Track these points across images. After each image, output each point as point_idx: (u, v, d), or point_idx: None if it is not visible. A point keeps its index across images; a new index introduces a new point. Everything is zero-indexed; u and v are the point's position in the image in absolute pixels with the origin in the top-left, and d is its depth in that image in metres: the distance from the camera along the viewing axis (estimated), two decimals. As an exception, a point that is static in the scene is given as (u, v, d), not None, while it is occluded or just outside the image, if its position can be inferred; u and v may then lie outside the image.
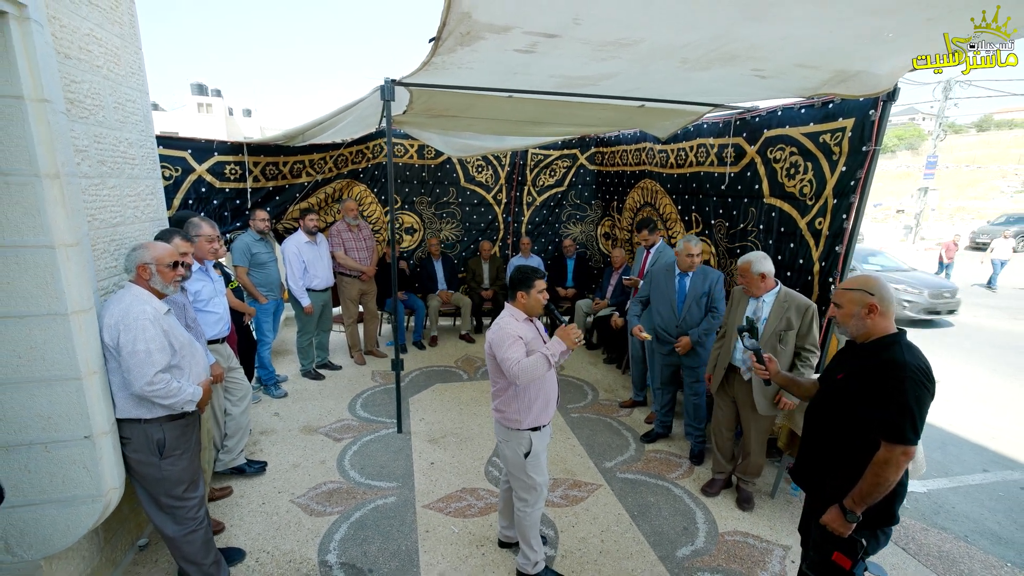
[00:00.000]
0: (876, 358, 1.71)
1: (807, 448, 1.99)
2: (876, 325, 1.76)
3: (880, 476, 1.66)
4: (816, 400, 1.99)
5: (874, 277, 1.81)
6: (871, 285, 1.78)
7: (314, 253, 4.78)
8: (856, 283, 1.82)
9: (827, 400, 1.90)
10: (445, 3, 1.83)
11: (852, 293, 1.80)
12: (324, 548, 2.70)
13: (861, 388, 1.72)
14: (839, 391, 1.82)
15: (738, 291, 3.14)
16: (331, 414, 4.25)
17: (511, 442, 2.36)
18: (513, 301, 2.35)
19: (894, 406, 1.62)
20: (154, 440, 2.09)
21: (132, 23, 2.68)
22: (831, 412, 1.86)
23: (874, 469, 1.67)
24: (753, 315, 3.00)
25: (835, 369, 1.90)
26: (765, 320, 2.93)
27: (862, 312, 1.77)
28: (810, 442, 1.98)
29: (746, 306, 3.03)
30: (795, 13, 1.92)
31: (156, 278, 2.12)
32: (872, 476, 1.67)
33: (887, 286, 1.79)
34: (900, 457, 1.62)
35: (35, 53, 1.65)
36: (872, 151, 2.92)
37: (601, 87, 3.13)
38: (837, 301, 1.85)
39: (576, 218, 6.87)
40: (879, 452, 1.67)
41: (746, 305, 3.03)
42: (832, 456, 1.85)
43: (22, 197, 1.67)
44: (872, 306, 1.75)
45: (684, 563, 2.67)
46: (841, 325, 1.85)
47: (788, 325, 2.86)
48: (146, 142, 2.79)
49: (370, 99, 3.46)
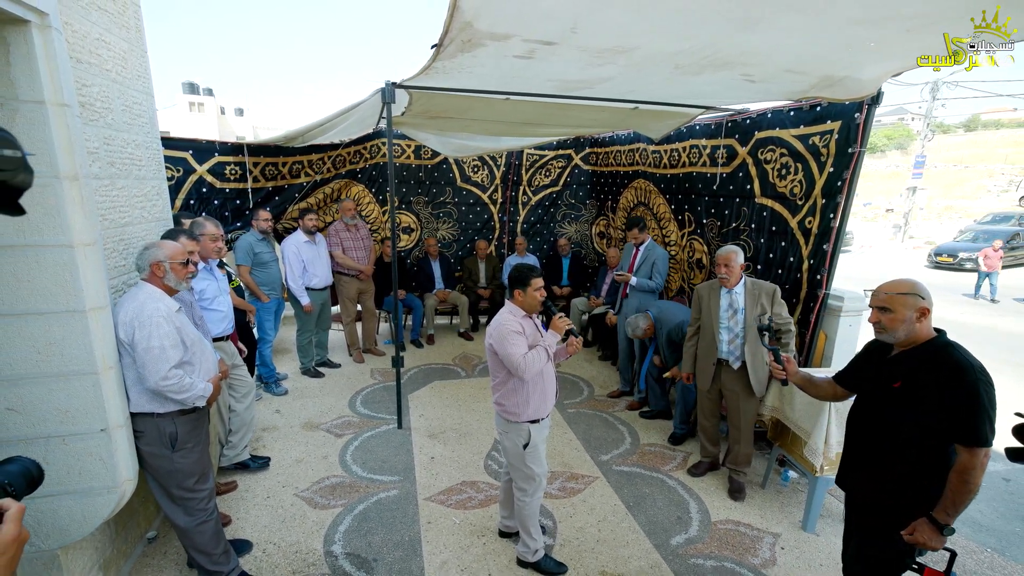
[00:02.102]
0: (940, 364, 1.68)
1: (858, 460, 1.94)
2: (923, 328, 1.75)
3: (969, 482, 1.63)
4: (864, 408, 1.93)
5: (918, 280, 1.79)
6: (919, 288, 1.76)
7: (313, 252, 4.84)
8: (904, 287, 1.78)
9: (882, 409, 1.84)
10: (448, 12, 1.91)
11: (906, 297, 1.75)
12: (329, 539, 2.78)
13: (930, 396, 1.67)
14: (899, 400, 1.76)
15: (706, 287, 3.27)
16: (332, 411, 4.32)
17: (510, 434, 2.45)
18: (512, 299, 2.44)
19: (973, 411, 1.60)
20: (167, 434, 2.16)
21: (138, 27, 2.74)
22: (890, 422, 1.80)
23: (961, 476, 1.64)
24: (730, 307, 3.13)
25: (885, 377, 1.83)
26: (743, 309, 3.07)
27: (914, 316, 1.73)
28: (862, 453, 1.92)
29: (719, 299, 3.16)
30: (783, 23, 2.02)
31: (170, 275, 2.19)
32: (959, 483, 1.64)
33: (927, 287, 1.79)
34: (983, 460, 1.62)
35: (55, 60, 1.71)
36: (857, 153, 3.03)
37: (596, 90, 3.22)
38: (887, 305, 1.78)
39: (571, 217, 6.97)
40: (962, 459, 1.64)
41: (718, 298, 3.16)
42: (896, 468, 1.79)
43: (43, 198, 1.74)
44: (924, 309, 1.73)
45: (678, 551, 2.77)
46: (889, 330, 1.78)
47: (763, 310, 3.05)
48: (152, 143, 2.84)
49: (370, 101, 3.53)
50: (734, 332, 3.13)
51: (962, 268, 14.39)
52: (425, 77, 2.83)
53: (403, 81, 3.06)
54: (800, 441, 2.98)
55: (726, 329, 3.15)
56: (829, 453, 2.80)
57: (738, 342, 3.12)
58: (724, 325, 3.15)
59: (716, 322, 3.17)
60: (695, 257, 4.68)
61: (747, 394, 3.14)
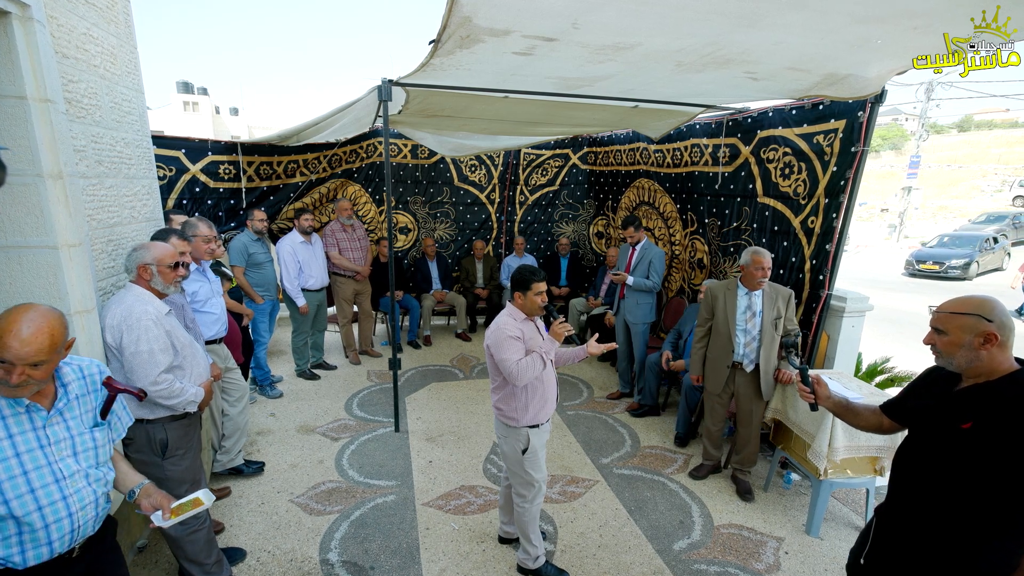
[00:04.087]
0: (1019, 404, 1.36)
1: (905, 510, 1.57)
2: (994, 358, 1.43)
3: None
4: (920, 450, 1.57)
5: (991, 299, 1.47)
6: (987, 309, 1.44)
7: (309, 253, 4.77)
8: (968, 306, 1.47)
9: (944, 454, 1.48)
10: (446, 7, 1.86)
11: (964, 318, 1.45)
12: (325, 546, 2.72)
13: (1006, 444, 1.35)
14: (967, 444, 1.42)
15: (720, 287, 3.19)
16: (328, 414, 4.26)
17: (509, 438, 2.40)
18: (512, 301, 2.39)
19: None
20: (157, 440, 2.10)
21: (128, 22, 2.67)
22: (954, 470, 1.45)
23: None
24: (748, 308, 3.08)
25: (950, 414, 1.49)
26: (761, 312, 3.03)
27: (975, 342, 1.43)
28: (911, 503, 1.56)
29: (735, 300, 3.10)
30: (787, 20, 1.98)
31: (157, 279, 2.12)
32: None
33: (1006, 310, 1.46)
34: None
35: (38, 53, 1.65)
36: (860, 152, 2.99)
37: (596, 88, 3.17)
38: (941, 327, 1.50)
39: (568, 217, 6.92)
40: None
41: (735, 300, 3.10)
42: (956, 527, 1.45)
43: (25, 197, 1.67)
44: (990, 335, 1.41)
45: (681, 556, 2.72)
46: (945, 356, 1.50)
47: (778, 313, 3.00)
48: (142, 142, 2.78)
49: (366, 99, 3.47)
50: (751, 335, 3.07)
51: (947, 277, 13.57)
52: (422, 74, 2.77)
53: (400, 78, 3.00)
54: (803, 443, 2.94)
55: (743, 332, 3.09)
56: (834, 456, 2.76)
57: (754, 345, 3.07)
58: (741, 327, 3.09)
59: (733, 324, 3.10)
60: (696, 257, 4.65)
61: (757, 397, 3.11)
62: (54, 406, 1.37)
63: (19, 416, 1.32)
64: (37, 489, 1.32)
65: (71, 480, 1.37)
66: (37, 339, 1.21)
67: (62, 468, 1.36)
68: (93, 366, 1.52)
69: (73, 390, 1.43)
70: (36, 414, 1.34)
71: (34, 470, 1.32)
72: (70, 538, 1.39)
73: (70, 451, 1.39)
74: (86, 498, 1.41)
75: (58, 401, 1.38)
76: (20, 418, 1.32)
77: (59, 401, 1.38)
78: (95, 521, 1.46)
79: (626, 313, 4.41)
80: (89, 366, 1.51)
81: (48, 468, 1.34)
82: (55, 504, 1.34)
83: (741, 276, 3.10)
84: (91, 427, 1.46)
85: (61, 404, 1.39)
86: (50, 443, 1.36)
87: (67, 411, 1.41)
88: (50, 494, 1.33)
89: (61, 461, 1.37)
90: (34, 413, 1.34)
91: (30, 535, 1.32)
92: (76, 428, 1.42)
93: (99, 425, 1.48)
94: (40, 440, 1.34)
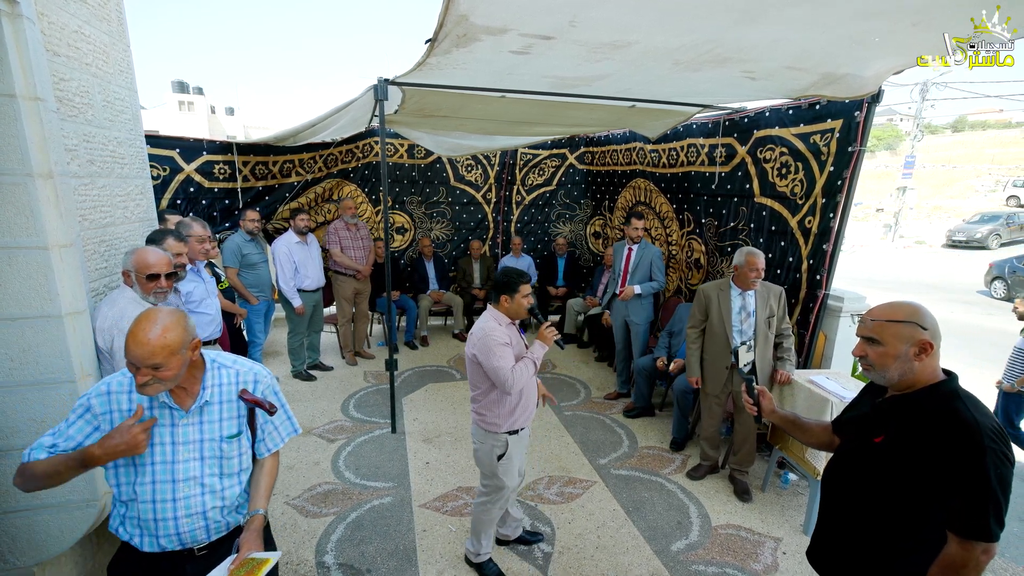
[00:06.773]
0: (935, 418, 1.27)
1: (829, 528, 1.54)
2: (925, 368, 1.32)
3: None
4: (841, 465, 1.52)
5: (920, 305, 1.35)
6: (920, 316, 1.33)
7: (305, 253, 4.74)
8: (901, 313, 1.35)
9: (859, 468, 1.43)
10: (443, 5, 1.84)
11: (899, 327, 1.33)
12: (321, 549, 2.69)
13: (916, 460, 1.27)
14: (878, 459, 1.36)
15: (713, 288, 3.18)
16: (324, 415, 4.23)
17: (487, 443, 2.37)
18: (496, 304, 2.34)
19: (970, 490, 1.19)
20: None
21: (120, 19, 2.64)
22: (867, 485, 1.39)
23: (944, 573, 1.24)
24: (743, 309, 3.07)
25: (868, 427, 1.43)
26: (755, 311, 3.03)
27: (910, 352, 1.31)
28: (833, 520, 1.52)
29: (730, 301, 3.09)
30: (787, 15, 1.97)
31: (136, 287, 2.09)
32: None
33: (934, 316, 1.37)
34: (980, 557, 1.20)
35: (27, 50, 1.62)
36: (857, 152, 2.99)
37: (593, 87, 3.16)
38: (874, 336, 1.37)
39: (565, 217, 6.91)
40: (950, 549, 1.24)
41: (729, 300, 3.09)
42: (868, 543, 1.40)
43: (14, 197, 1.64)
44: (925, 344, 1.31)
45: (679, 557, 2.72)
46: (878, 368, 1.37)
47: (771, 312, 3.01)
48: (135, 141, 2.74)
49: (363, 99, 3.45)
50: (747, 335, 3.07)
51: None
52: (419, 74, 2.76)
53: (396, 78, 2.99)
54: (800, 443, 2.93)
55: (739, 332, 3.09)
56: (831, 456, 2.76)
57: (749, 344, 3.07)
58: (737, 328, 3.09)
59: (729, 325, 3.10)
60: (693, 257, 4.64)
61: None
62: (193, 407, 1.40)
63: (163, 409, 1.39)
64: (156, 482, 1.36)
65: (184, 484, 1.39)
66: (151, 342, 1.26)
67: (182, 470, 1.39)
68: (250, 374, 1.51)
69: (215, 395, 1.45)
70: (174, 411, 1.39)
71: (160, 463, 1.37)
72: (177, 540, 1.41)
73: (197, 455, 1.41)
74: (194, 507, 1.41)
75: (196, 403, 1.41)
76: (164, 411, 1.39)
77: (197, 402, 1.41)
78: (206, 531, 1.45)
79: (629, 313, 4.40)
80: (247, 373, 1.51)
81: (170, 466, 1.38)
82: (165, 503, 1.37)
83: (734, 276, 3.09)
84: (228, 436, 1.45)
85: (198, 406, 1.41)
86: (180, 442, 1.39)
87: (203, 414, 1.43)
88: (163, 491, 1.37)
89: (184, 463, 1.39)
90: (173, 410, 1.39)
91: (143, 523, 1.38)
92: (208, 433, 1.43)
93: (235, 436, 1.47)
94: (173, 437, 1.39)
